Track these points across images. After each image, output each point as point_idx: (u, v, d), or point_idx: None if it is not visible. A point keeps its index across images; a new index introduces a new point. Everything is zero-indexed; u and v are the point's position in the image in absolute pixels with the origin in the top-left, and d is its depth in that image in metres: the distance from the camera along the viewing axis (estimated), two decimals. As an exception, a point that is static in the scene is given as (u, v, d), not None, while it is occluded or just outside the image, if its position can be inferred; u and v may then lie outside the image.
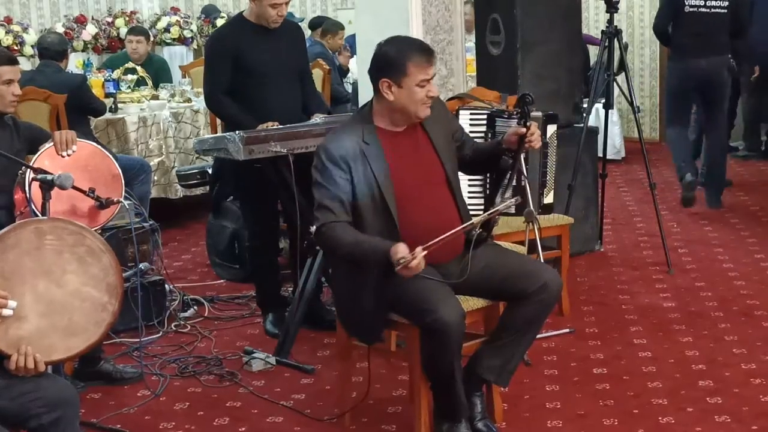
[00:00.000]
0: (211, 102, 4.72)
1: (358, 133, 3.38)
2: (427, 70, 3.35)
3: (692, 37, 6.71)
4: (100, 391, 4.10)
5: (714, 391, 3.86)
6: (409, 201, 3.36)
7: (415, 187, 3.39)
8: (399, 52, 3.35)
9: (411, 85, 3.33)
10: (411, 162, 3.43)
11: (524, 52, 5.47)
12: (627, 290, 5.17)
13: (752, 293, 5.02)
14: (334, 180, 3.32)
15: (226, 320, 4.97)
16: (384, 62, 3.37)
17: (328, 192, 3.32)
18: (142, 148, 6.68)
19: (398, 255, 3.12)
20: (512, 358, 3.48)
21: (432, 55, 3.39)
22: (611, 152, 7.62)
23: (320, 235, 3.34)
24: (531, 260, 3.66)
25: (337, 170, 3.32)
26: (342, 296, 3.51)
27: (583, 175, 5.66)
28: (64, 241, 3.00)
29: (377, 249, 3.21)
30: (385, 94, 3.36)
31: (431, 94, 3.37)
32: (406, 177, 3.39)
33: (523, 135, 3.51)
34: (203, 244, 6.03)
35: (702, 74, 6.77)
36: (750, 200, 7.15)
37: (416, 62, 3.33)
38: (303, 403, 3.91)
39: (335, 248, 3.34)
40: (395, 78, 3.33)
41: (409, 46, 3.39)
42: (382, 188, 3.34)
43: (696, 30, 6.70)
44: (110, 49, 9.25)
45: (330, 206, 3.31)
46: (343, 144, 3.35)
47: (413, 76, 3.32)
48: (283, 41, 4.63)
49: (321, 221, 3.32)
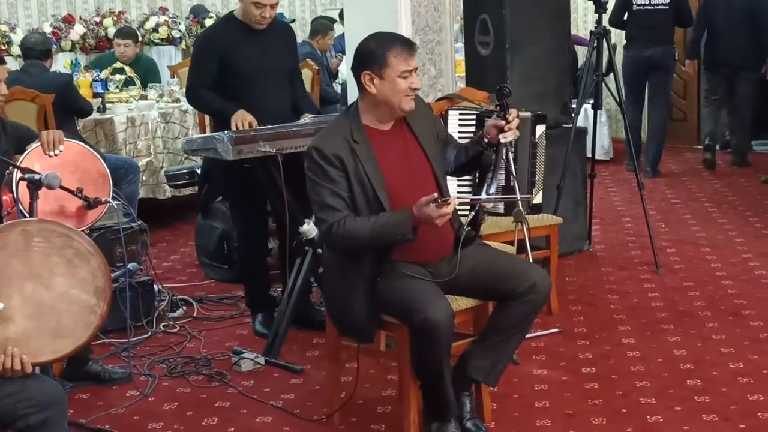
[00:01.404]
0: (192, 95, 4.70)
1: (347, 132, 3.39)
2: (408, 61, 3.36)
3: (640, 30, 7.97)
4: (89, 392, 4.09)
5: (702, 390, 3.87)
6: (400, 197, 3.36)
7: (404, 184, 3.40)
8: (379, 45, 3.37)
9: (393, 76, 3.34)
10: (399, 159, 3.44)
11: (513, 53, 5.48)
12: (615, 290, 5.19)
13: (740, 293, 5.04)
14: (331, 178, 3.31)
15: (215, 320, 4.96)
16: (365, 55, 3.39)
17: (328, 191, 3.31)
18: (130, 149, 6.66)
19: (425, 200, 3.13)
20: (501, 358, 3.49)
21: (412, 47, 3.41)
22: (599, 152, 7.66)
23: (332, 235, 3.29)
24: (520, 260, 3.67)
25: (332, 168, 3.32)
26: (333, 296, 3.51)
27: (572, 175, 5.67)
28: (51, 244, 2.99)
29: (399, 217, 3.22)
30: (368, 87, 3.37)
31: (414, 86, 3.39)
32: (395, 174, 3.40)
33: (502, 128, 3.50)
34: (192, 245, 6.02)
35: (648, 62, 7.99)
36: (738, 200, 7.18)
37: (396, 53, 3.35)
38: (292, 403, 3.91)
39: (353, 241, 3.29)
40: (376, 70, 3.35)
41: (388, 39, 3.41)
42: (374, 185, 3.34)
43: (643, 24, 7.95)
44: (98, 48, 9.21)
45: (334, 204, 3.30)
46: (334, 143, 3.35)
47: (394, 67, 3.34)
48: (272, 41, 4.63)
49: (329, 221, 3.29)
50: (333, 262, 3.48)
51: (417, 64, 3.42)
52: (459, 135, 4.48)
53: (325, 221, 3.31)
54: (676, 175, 8.26)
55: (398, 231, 3.23)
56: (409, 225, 3.20)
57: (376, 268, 3.33)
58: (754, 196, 7.28)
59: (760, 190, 7.47)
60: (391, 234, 3.24)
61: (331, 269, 3.52)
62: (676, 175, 8.28)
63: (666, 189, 7.70)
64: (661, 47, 7.96)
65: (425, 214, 3.15)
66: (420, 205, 3.16)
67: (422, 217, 3.17)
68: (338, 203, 3.30)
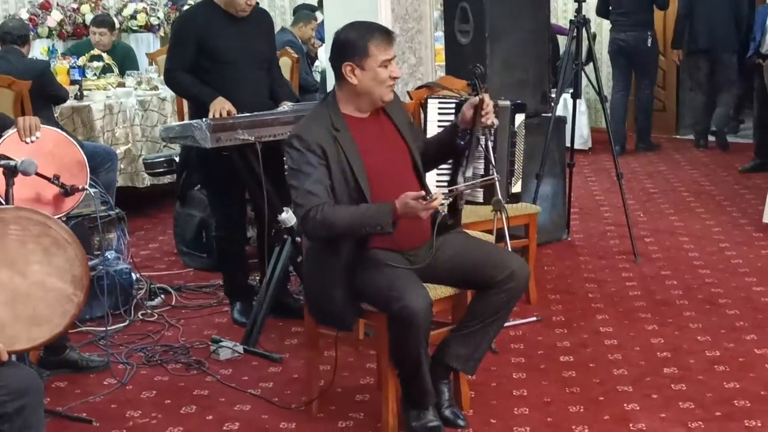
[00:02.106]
0: (169, 77, 4.66)
1: (327, 120, 3.38)
2: (387, 51, 3.36)
3: (619, 15, 8.51)
4: (66, 380, 4.07)
5: (678, 378, 3.89)
6: (381, 184, 3.36)
7: (385, 171, 3.40)
8: (359, 35, 3.36)
9: (374, 66, 3.34)
10: (380, 146, 3.44)
11: (493, 42, 5.48)
12: (594, 279, 5.21)
13: (717, 282, 5.07)
14: (312, 165, 3.30)
15: (193, 309, 4.95)
16: (345, 46, 3.37)
17: (308, 178, 3.29)
18: (108, 136, 6.62)
19: (413, 195, 3.12)
20: (479, 347, 3.49)
21: (391, 36, 3.40)
22: (579, 142, 7.69)
23: (309, 220, 3.27)
24: (499, 249, 3.67)
25: (314, 156, 3.30)
26: (313, 285, 3.49)
27: (551, 164, 5.68)
28: (28, 232, 2.97)
29: (380, 209, 3.21)
30: (349, 79, 3.36)
31: (394, 75, 3.39)
32: (375, 160, 3.40)
33: (478, 108, 3.49)
34: (170, 233, 6.00)
35: (626, 45, 8.52)
36: (716, 190, 7.22)
37: (377, 43, 3.34)
38: (271, 392, 3.91)
39: (330, 228, 3.26)
40: (358, 61, 3.34)
41: (367, 29, 3.39)
42: (356, 172, 3.34)
43: (622, 9, 8.48)
44: (75, 35, 9.13)
45: (313, 191, 3.28)
46: (316, 131, 3.34)
47: (375, 57, 3.33)
48: (250, 28, 4.60)
49: (307, 206, 3.27)
50: (313, 250, 3.47)
51: (395, 53, 3.42)
52: (438, 124, 4.48)
53: (303, 206, 3.29)
54: (655, 165, 8.29)
55: (377, 222, 3.21)
56: (389, 218, 3.20)
57: (355, 257, 3.33)
58: (732, 186, 7.33)
59: (738, 180, 7.51)
60: (370, 225, 3.23)
61: (310, 258, 3.51)
62: (655, 164, 8.32)
63: (644, 179, 7.74)
64: (636, 32, 8.43)
65: (410, 208, 3.15)
66: (405, 199, 3.15)
67: (406, 211, 3.17)
68: (318, 190, 3.29)
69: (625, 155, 8.47)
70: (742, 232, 6.01)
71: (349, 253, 3.33)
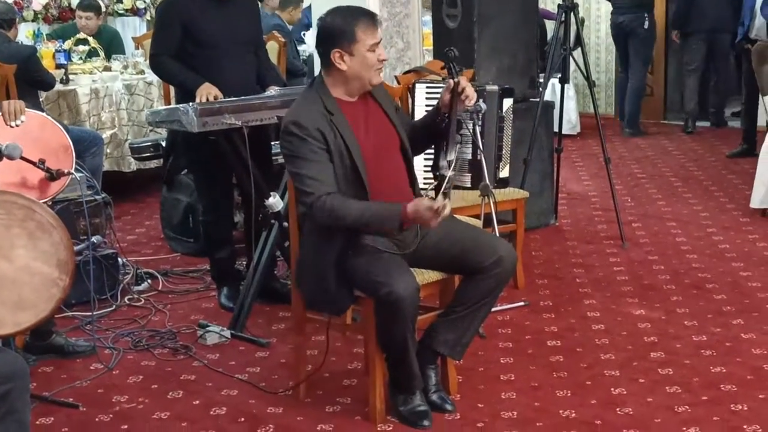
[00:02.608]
0: (155, 62, 4.63)
1: (319, 104, 3.36)
2: (374, 34, 3.34)
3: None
4: (52, 365, 4.05)
5: (665, 362, 3.90)
6: (374, 167, 3.36)
7: (377, 153, 3.39)
8: (345, 21, 3.34)
9: (362, 51, 3.32)
10: (369, 128, 3.43)
11: (481, 26, 5.46)
12: (581, 264, 5.21)
13: (704, 266, 5.09)
14: (315, 152, 3.28)
15: (180, 294, 4.93)
16: (332, 33, 3.35)
17: (313, 164, 3.27)
18: (94, 121, 6.58)
19: (427, 205, 3.14)
20: (466, 332, 3.49)
21: (375, 19, 3.39)
22: (567, 127, 7.68)
23: (318, 208, 3.23)
24: (486, 234, 3.66)
25: (315, 142, 3.28)
26: (307, 270, 3.45)
27: (539, 149, 5.68)
28: (13, 216, 2.95)
29: (389, 211, 3.24)
30: (338, 65, 3.34)
31: (382, 58, 3.38)
32: (369, 144, 3.39)
33: (455, 91, 3.48)
34: (157, 218, 5.98)
35: (621, 28, 8.71)
36: (703, 175, 7.23)
37: (363, 27, 3.33)
38: (258, 377, 3.90)
39: (338, 219, 3.25)
40: (346, 47, 3.32)
41: (353, 13, 3.37)
42: (353, 155, 3.33)
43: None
44: (61, 19, 9.07)
45: (320, 177, 3.26)
46: (311, 116, 3.32)
47: (363, 42, 3.32)
48: (235, 11, 4.57)
49: (316, 193, 3.24)
50: (309, 235, 3.44)
51: (381, 36, 3.41)
52: (426, 108, 4.47)
53: (312, 194, 3.25)
54: (642, 150, 8.31)
55: (385, 225, 3.27)
56: (397, 222, 3.24)
57: (347, 243, 3.32)
58: (719, 171, 7.34)
59: (725, 165, 7.53)
60: (377, 225, 3.27)
61: (306, 243, 3.47)
62: (642, 149, 8.33)
63: (632, 164, 7.75)
64: (634, 14, 8.58)
65: (421, 216, 3.17)
66: (419, 208, 3.17)
67: (417, 218, 3.20)
68: (325, 176, 3.27)
69: (613, 141, 8.48)
70: (730, 218, 6.02)
71: (343, 240, 3.31)
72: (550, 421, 3.45)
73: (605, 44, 10.01)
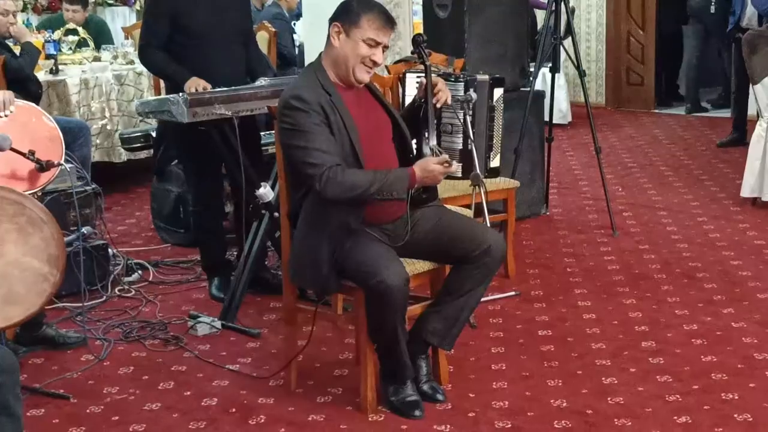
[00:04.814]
0: (143, 54, 4.61)
1: (317, 84, 3.36)
2: (379, 33, 3.33)
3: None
4: (43, 356, 4.04)
5: (656, 351, 3.91)
6: (368, 152, 3.35)
7: (370, 139, 3.39)
8: (361, 4, 3.35)
9: (358, 39, 3.32)
10: (364, 112, 3.43)
11: (471, 15, 5.45)
12: (572, 253, 5.22)
13: (694, 256, 5.10)
14: (318, 124, 3.27)
15: (171, 284, 4.92)
16: (345, 7, 3.38)
17: (318, 136, 3.25)
18: (84, 111, 6.55)
19: (435, 160, 3.28)
20: (457, 322, 3.49)
21: (390, 23, 3.38)
22: (557, 116, 7.68)
23: (328, 180, 3.20)
24: (476, 224, 3.66)
25: (317, 116, 3.27)
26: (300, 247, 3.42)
27: (530, 138, 5.68)
28: (3, 211, 2.94)
29: (398, 176, 3.29)
30: (333, 39, 3.36)
31: (375, 59, 3.35)
32: (364, 125, 3.38)
33: (428, 77, 3.51)
34: (148, 209, 5.96)
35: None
36: (694, 165, 7.24)
37: (371, 19, 3.32)
38: (249, 367, 3.90)
39: (353, 187, 3.22)
40: (346, 25, 3.33)
41: (371, 4, 3.39)
42: (351, 135, 3.32)
43: None
44: (51, 9, 9.04)
45: (326, 149, 3.24)
46: (312, 92, 3.32)
47: (363, 30, 3.32)
48: (225, 2, 4.54)
49: (325, 164, 3.21)
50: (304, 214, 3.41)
51: (389, 43, 3.41)
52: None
53: (322, 164, 3.21)
54: (633, 139, 8.31)
55: (394, 189, 3.29)
56: (405, 184, 3.29)
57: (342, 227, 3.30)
58: (710, 160, 7.36)
59: (716, 154, 7.54)
60: (388, 190, 3.28)
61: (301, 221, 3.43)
62: (633, 138, 8.34)
63: (623, 153, 7.76)
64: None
65: (430, 171, 3.27)
66: (426, 164, 3.27)
67: (426, 175, 3.28)
68: (331, 148, 3.25)
69: (603, 130, 8.48)
70: (720, 206, 6.03)
71: (338, 222, 3.30)
72: (542, 410, 3.45)
73: (596, 33, 10.00)
